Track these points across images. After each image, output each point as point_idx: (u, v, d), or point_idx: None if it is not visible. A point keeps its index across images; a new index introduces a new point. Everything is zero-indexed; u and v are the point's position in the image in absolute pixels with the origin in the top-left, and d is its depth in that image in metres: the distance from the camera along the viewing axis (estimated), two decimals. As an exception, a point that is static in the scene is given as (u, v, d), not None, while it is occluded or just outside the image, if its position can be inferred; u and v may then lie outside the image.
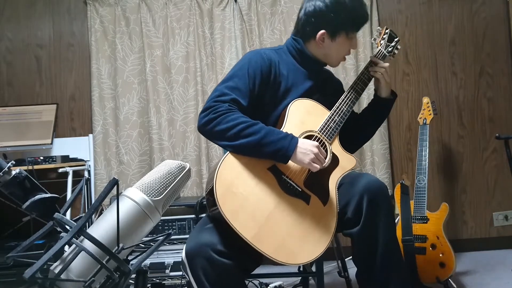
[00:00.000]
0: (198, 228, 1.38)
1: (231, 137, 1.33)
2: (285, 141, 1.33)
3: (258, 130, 1.33)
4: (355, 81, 1.59)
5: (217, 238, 1.26)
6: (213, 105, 1.37)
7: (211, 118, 1.35)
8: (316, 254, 1.30)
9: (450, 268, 2.03)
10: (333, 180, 1.42)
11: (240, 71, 1.46)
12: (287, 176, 1.37)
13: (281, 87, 1.51)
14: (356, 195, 1.35)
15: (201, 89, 2.78)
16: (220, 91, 1.41)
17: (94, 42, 2.84)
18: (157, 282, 2.07)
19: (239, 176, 1.31)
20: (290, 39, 1.63)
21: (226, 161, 1.33)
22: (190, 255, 1.25)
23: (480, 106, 2.83)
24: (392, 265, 1.36)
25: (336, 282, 2.29)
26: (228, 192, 1.27)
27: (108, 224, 0.83)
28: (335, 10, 1.49)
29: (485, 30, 2.83)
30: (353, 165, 1.48)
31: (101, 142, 2.79)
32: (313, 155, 1.33)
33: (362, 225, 1.34)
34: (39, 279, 0.73)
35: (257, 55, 1.51)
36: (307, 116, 1.48)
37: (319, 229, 1.33)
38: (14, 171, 0.86)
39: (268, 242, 1.25)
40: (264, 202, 1.30)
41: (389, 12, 2.88)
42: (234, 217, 1.23)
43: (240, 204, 1.27)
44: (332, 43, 1.54)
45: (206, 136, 1.42)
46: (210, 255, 1.22)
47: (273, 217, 1.29)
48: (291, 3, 2.80)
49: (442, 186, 2.82)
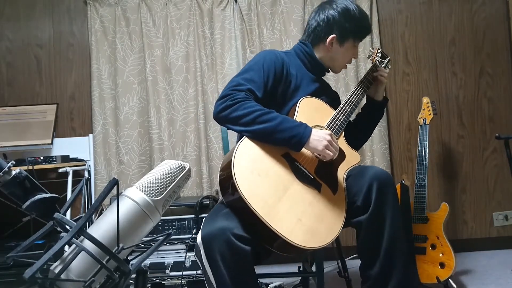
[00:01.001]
0: (213, 215, 1.39)
1: (247, 123, 1.38)
2: (300, 128, 1.40)
3: (274, 117, 1.39)
4: (359, 83, 1.71)
5: (235, 222, 1.27)
6: (230, 93, 1.42)
7: (229, 104, 1.40)
8: (328, 240, 1.32)
9: (450, 268, 2.03)
10: (341, 172, 1.49)
11: (256, 66, 1.53)
12: (299, 163, 1.42)
13: (291, 85, 1.60)
14: (365, 183, 1.40)
15: (201, 89, 2.79)
16: (236, 81, 1.47)
17: (94, 42, 2.84)
18: (157, 282, 2.07)
19: (255, 160, 1.36)
20: (298, 44, 1.74)
21: (242, 146, 1.37)
22: (207, 239, 1.25)
23: (480, 106, 2.83)
24: (396, 255, 1.39)
25: (336, 282, 2.29)
26: (245, 174, 1.30)
27: (108, 224, 0.83)
28: (346, 17, 1.63)
29: (485, 30, 2.83)
30: (358, 161, 1.56)
31: (101, 142, 2.80)
32: (327, 142, 1.39)
33: (371, 212, 1.38)
34: (39, 279, 0.73)
35: (271, 53, 1.60)
36: (315, 112, 1.56)
37: (331, 215, 1.37)
38: (14, 171, 0.86)
39: (283, 223, 1.27)
40: (279, 185, 1.34)
41: (389, 12, 2.88)
42: (252, 198, 1.26)
43: (257, 185, 1.30)
44: (340, 48, 1.67)
45: (222, 122, 1.46)
46: (229, 239, 1.22)
47: (288, 200, 1.32)
48: (291, 3, 2.80)
49: (442, 186, 2.82)
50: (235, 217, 1.29)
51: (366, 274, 1.44)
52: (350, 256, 2.62)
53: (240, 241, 1.23)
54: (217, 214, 1.35)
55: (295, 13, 2.79)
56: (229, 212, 1.32)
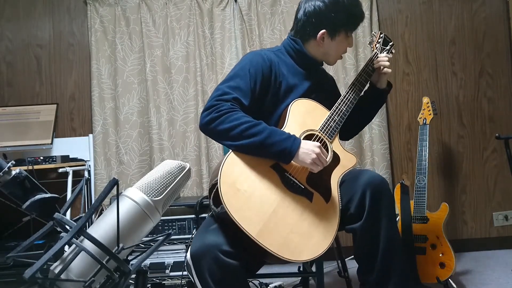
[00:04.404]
0: (202, 229, 1.38)
1: (234, 137, 1.34)
2: (288, 141, 1.35)
3: (261, 130, 1.34)
4: (360, 73, 1.64)
5: (222, 238, 1.26)
6: (215, 104, 1.37)
7: (214, 117, 1.35)
8: (320, 251, 1.31)
9: (450, 268, 2.03)
10: (335, 178, 1.44)
11: (242, 71, 1.47)
12: (289, 173, 1.38)
13: (281, 87, 1.53)
14: (358, 190, 1.37)
15: (201, 89, 2.78)
16: (221, 90, 1.41)
17: (94, 42, 2.84)
18: (157, 282, 2.07)
19: (242, 174, 1.32)
20: (287, 40, 1.65)
21: (229, 159, 1.33)
22: (196, 257, 1.24)
23: (480, 106, 2.83)
24: (394, 260, 1.38)
25: (336, 282, 2.29)
26: (232, 189, 1.27)
27: (108, 224, 0.83)
28: (334, 9, 1.53)
29: (485, 30, 2.83)
30: (353, 164, 1.50)
31: (101, 142, 2.80)
32: (315, 155, 1.34)
33: (365, 219, 1.35)
34: (39, 279, 0.73)
35: (258, 55, 1.53)
36: (307, 115, 1.50)
37: (323, 226, 1.34)
38: (14, 171, 0.86)
39: (273, 238, 1.25)
40: (268, 198, 1.31)
41: (389, 12, 2.88)
42: (239, 214, 1.23)
43: (244, 201, 1.27)
44: (332, 42, 1.59)
45: (208, 134, 1.43)
46: (217, 256, 1.21)
47: (278, 214, 1.30)
48: (291, 3, 2.80)
49: (442, 186, 2.82)
50: (223, 233, 1.28)
51: (364, 279, 1.44)
52: (350, 256, 2.62)
53: (228, 257, 1.22)
54: (206, 230, 1.33)
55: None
56: (218, 228, 1.31)
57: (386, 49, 1.71)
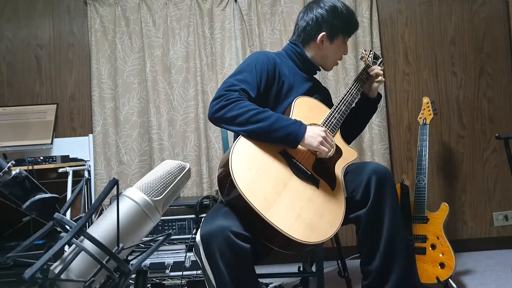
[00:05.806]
0: (213, 213, 1.39)
1: (242, 123, 1.39)
2: (294, 125, 1.41)
3: (269, 116, 1.40)
4: (354, 82, 1.74)
5: (234, 221, 1.27)
6: (224, 93, 1.44)
7: (223, 104, 1.41)
8: (328, 234, 1.32)
9: (450, 268, 2.04)
10: (339, 168, 1.51)
11: (248, 67, 1.55)
12: (297, 160, 1.43)
13: (284, 86, 1.61)
14: (364, 177, 1.42)
15: (201, 89, 2.79)
16: (230, 82, 1.49)
17: (94, 42, 2.84)
18: (157, 282, 2.07)
19: (252, 157, 1.37)
20: (288, 45, 1.76)
21: (239, 144, 1.38)
22: (207, 237, 1.25)
23: (480, 106, 2.83)
24: (397, 245, 1.40)
25: (336, 282, 2.29)
26: (243, 171, 1.30)
27: (108, 224, 0.83)
28: (334, 15, 1.67)
29: (485, 30, 2.83)
30: (355, 157, 1.58)
31: (101, 142, 2.80)
32: (321, 138, 1.41)
33: (370, 205, 1.39)
34: (39, 279, 0.73)
35: (263, 54, 1.62)
36: (310, 112, 1.58)
37: (331, 210, 1.38)
38: (14, 171, 0.86)
39: (284, 218, 1.27)
40: (278, 179, 1.35)
41: (389, 12, 2.88)
42: (250, 194, 1.26)
43: (255, 181, 1.30)
44: (330, 46, 1.70)
45: (217, 122, 1.46)
46: (229, 237, 1.22)
47: (287, 195, 1.32)
48: (291, 3, 2.80)
49: (442, 186, 2.82)
50: (234, 216, 1.29)
51: (366, 269, 1.45)
52: (350, 256, 2.62)
53: (239, 239, 1.23)
54: (216, 213, 1.35)
55: (295, 13, 2.79)
56: (228, 211, 1.32)
57: (376, 63, 1.82)
